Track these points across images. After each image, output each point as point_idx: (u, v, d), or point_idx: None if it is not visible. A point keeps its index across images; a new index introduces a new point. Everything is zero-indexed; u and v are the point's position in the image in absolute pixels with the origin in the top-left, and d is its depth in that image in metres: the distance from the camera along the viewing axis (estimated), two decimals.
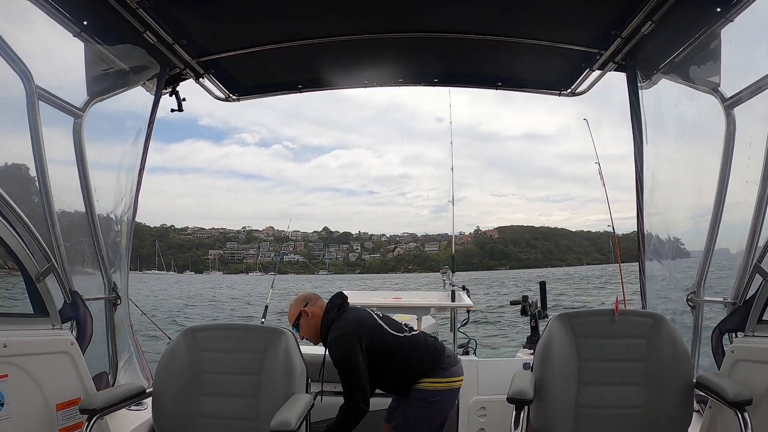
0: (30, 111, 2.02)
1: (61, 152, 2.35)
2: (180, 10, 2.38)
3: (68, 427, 2.05)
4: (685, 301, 2.58)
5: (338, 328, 2.40)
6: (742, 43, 2.22)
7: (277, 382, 2.18)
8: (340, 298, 2.54)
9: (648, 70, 2.72)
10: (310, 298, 2.56)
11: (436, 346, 2.49)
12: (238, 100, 3.31)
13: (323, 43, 2.71)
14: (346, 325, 2.40)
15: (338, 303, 2.51)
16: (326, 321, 2.47)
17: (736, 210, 2.32)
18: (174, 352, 2.29)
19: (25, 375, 1.88)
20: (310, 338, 2.53)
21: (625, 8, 2.32)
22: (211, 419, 2.20)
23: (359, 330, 2.38)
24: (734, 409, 1.83)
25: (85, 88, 2.43)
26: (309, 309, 2.50)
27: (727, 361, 2.13)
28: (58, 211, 2.20)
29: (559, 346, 2.25)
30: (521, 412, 1.99)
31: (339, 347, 2.35)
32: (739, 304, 2.19)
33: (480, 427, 3.18)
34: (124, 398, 2.13)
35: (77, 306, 2.26)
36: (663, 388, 2.13)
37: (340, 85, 3.33)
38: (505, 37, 2.68)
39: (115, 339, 2.65)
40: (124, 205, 2.76)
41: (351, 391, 2.31)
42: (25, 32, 2.06)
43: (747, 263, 2.15)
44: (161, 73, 2.77)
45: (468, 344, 3.63)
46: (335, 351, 2.35)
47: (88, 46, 2.35)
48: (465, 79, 3.32)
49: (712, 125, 2.35)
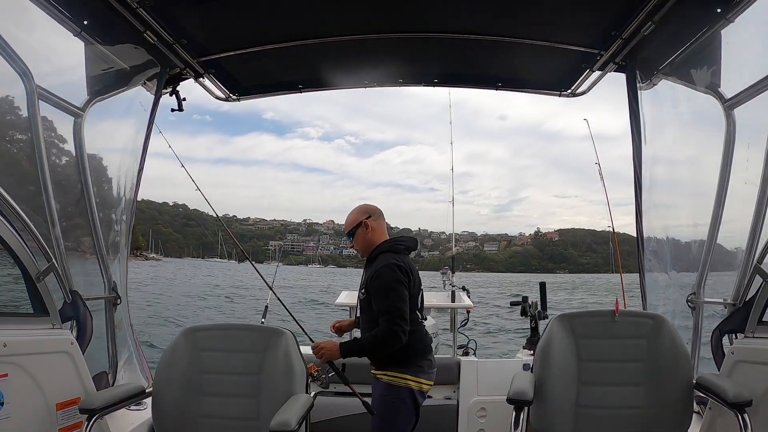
0: (30, 110, 2.02)
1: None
2: (180, 9, 2.38)
3: (68, 426, 2.05)
4: (684, 302, 2.58)
5: (399, 259, 2.30)
6: (742, 43, 2.22)
7: (277, 382, 2.18)
8: (414, 242, 2.45)
9: (648, 71, 2.72)
10: (374, 211, 2.45)
11: (429, 341, 2.42)
12: (238, 99, 3.31)
13: (323, 43, 2.71)
14: (406, 263, 2.31)
15: (408, 244, 2.41)
16: (386, 244, 2.37)
17: (736, 210, 2.32)
18: (174, 352, 2.29)
19: (25, 375, 1.88)
20: (361, 250, 2.43)
21: (626, 9, 2.32)
22: (211, 419, 2.20)
23: (413, 278, 2.32)
24: (734, 410, 1.83)
25: (85, 87, 2.44)
26: (371, 222, 2.40)
27: (727, 362, 2.13)
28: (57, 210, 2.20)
29: (559, 346, 2.25)
30: (521, 413, 1.99)
31: (393, 272, 2.23)
32: (739, 305, 2.19)
33: (480, 428, 3.18)
34: (123, 398, 2.13)
35: (77, 306, 2.26)
36: (663, 388, 2.13)
37: (340, 85, 3.32)
38: (506, 38, 2.68)
39: (115, 339, 2.65)
40: (124, 204, 2.76)
41: (393, 315, 2.17)
42: (25, 32, 2.06)
43: (747, 264, 2.15)
44: (161, 72, 2.77)
45: (468, 345, 3.63)
46: (388, 274, 2.23)
47: (88, 45, 2.35)
48: (465, 79, 3.32)
49: (712, 126, 2.35)
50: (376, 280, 2.24)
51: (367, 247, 2.40)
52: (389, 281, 2.21)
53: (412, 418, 2.31)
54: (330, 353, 2.29)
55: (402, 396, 2.26)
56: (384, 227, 2.46)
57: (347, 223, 2.45)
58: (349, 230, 2.43)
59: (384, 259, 2.29)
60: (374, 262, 2.33)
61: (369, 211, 2.43)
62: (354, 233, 2.41)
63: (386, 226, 2.50)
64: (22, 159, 2.17)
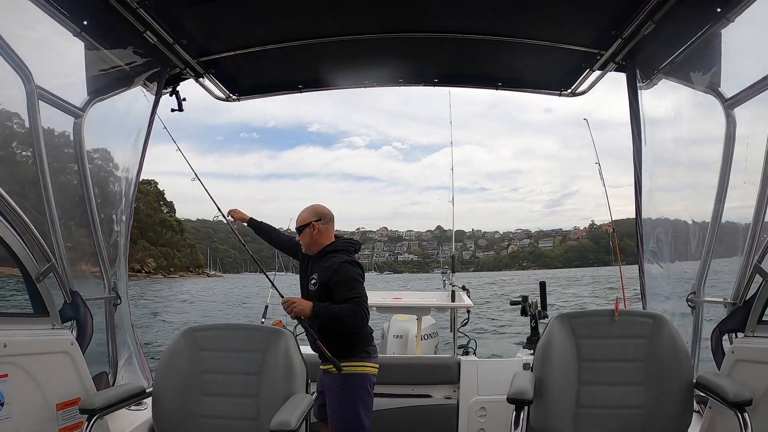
0: (30, 111, 2.02)
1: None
2: (180, 10, 2.38)
3: (68, 426, 2.05)
4: (684, 302, 2.58)
5: (351, 258, 2.50)
6: (742, 43, 2.22)
7: (277, 382, 2.18)
8: (359, 246, 2.68)
9: (648, 71, 2.72)
10: (325, 215, 2.60)
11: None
12: (238, 100, 3.31)
13: (323, 43, 2.71)
14: (358, 263, 2.53)
15: (354, 247, 2.62)
16: (340, 244, 2.56)
17: (736, 210, 2.32)
18: (174, 352, 2.28)
19: (25, 375, 1.88)
20: (306, 247, 2.59)
21: (626, 8, 2.32)
22: (211, 419, 2.20)
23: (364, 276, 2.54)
24: (734, 410, 1.83)
25: (85, 87, 2.44)
26: (319, 225, 2.55)
27: (727, 361, 2.13)
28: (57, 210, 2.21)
29: (559, 346, 2.25)
30: (521, 413, 1.99)
31: (354, 267, 2.45)
32: (739, 304, 2.19)
33: (480, 428, 3.18)
34: (124, 398, 2.13)
35: (77, 306, 2.26)
36: (663, 388, 2.13)
37: (340, 85, 3.32)
38: (505, 37, 2.68)
39: (115, 339, 2.65)
40: (123, 205, 2.76)
41: (360, 300, 2.37)
42: (25, 32, 2.06)
43: (747, 263, 2.15)
44: (161, 72, 2.77)
45: (468, 344, 3.63)
46: (350, 269, 2.42)
47: (88, 45, 2.35)
48: (465, 79, 3.32)
49: (712, 125, 2.35)
50: (338, 274, 2.40)
51: (310, 245, 2.57)
52: (353, 274, 2.42)
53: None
54: (301, 309, 2.36)
55: (365, 384, 2.43)
56: (331, 232, 2.62)
57: (298, 219, 2.62)
58: (298, 226, 2.61)
59: (341, 257, 2.47)
60: (326, 259, 2.49)
61: (320, 214, 2.59)
62: (302, 230, 2.58)
63: (331, 229, 2.65)
64: (22, 159, 2.17)
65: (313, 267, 2.57)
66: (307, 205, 2.64)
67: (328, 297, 2.41)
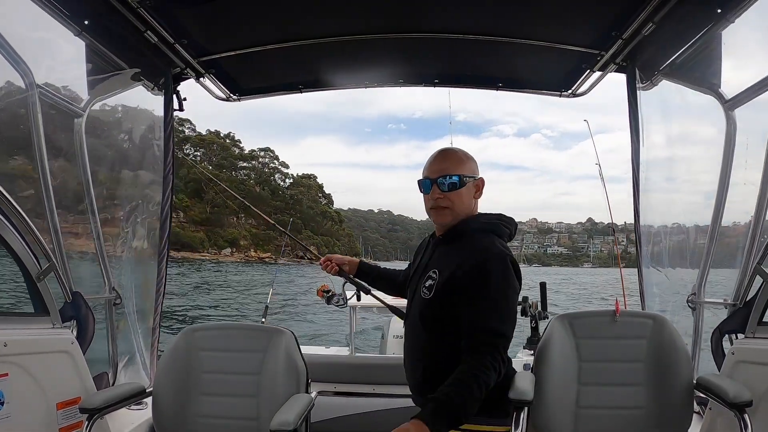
0: (30, 111, 2.02)
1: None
2: (181, 9, 2.37)
3: (68, 426, 2.05)
4: (684, 302, 2.58)
5: (507, 250, 1.61)
6: (742, 43, 2.22)
7: (277, 382, 2.18)
8: (513, 228, 1.72)
9: (648, 72, 2.72)
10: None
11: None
12: (239, 100, 3.31)
13: (323, 43, 2.71)
14: (514, 261, 1.59)
15: (509, 229, 1.69)
16: (487, 220, 1.67)
17: (736, 210, 2.32)
18: (174, 351, 2.28)
19: (25, 374, 1.88)
20: (445, 216, 1.65)
21: (626, 9, 2.31)
22: (211, 419, 2.20)
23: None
24: (734, 411, 1.83)
25: (86, 87, 2.44)
26: (481, 185, 1.70)
27: (727, 362, 2.13)
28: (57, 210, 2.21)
29: (560, 346, 2.25)
30: (521, 413, 1.99)
31: (509, 271, 1.53)
32: (739, 305, 2.19)
33: None
34: (124, 398, 2.13)
35: (78, 305, 2.26)
36: (663, 389, 2.13)
37: (340, 85, 3.32)
38: (506, 38, 2.68)
39: (116, 339, 2.65)
40: (135, 203, 2.77)
41: (499, 344, 1.47)
42: (25, 31, 2.06)
43: (747, 264, 2.15)
44: (162, 72, 2.77)
45: None
46: (503, 272, 1.52)
47: (88, 45, 2.35)
48: (465, 79, 3.32)
49: (713, 126, 2.35)
50: (482, 273, 1.48)
51: (460, 211, 1.64)
52: (505, 285, 1.48)
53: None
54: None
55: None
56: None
57: (449, 166, 1.63)
58: (451, 175, 1.61)
59: (488, 243, 1.55)
60: (462, 241, 1.60)
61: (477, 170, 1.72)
62: (454, 186, 1.60)
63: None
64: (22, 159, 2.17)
65: (432, 258, 1.70)
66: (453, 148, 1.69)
67: (440, 308, 1.55)
